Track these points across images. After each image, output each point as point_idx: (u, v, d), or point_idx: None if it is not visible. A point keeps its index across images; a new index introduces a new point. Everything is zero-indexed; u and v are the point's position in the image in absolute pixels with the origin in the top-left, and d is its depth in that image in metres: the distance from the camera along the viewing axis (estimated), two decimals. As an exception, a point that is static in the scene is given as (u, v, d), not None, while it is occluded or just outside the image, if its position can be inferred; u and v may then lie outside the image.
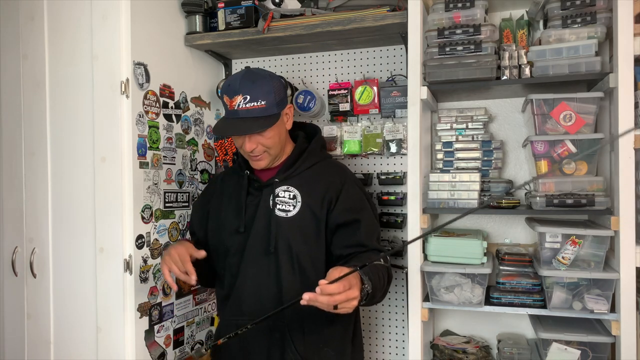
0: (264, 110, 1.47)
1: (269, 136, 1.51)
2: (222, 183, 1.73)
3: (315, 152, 1.64)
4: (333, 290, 1.17)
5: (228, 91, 1.49)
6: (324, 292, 1.17)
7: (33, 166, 1.86)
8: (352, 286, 1.22)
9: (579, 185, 1.63)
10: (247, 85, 1.47)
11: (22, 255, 1.88)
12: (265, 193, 1.58)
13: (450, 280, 1.76)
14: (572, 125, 1.65)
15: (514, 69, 1.72)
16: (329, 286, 1.17)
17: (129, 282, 1.73)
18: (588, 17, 1.63)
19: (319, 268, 1.53)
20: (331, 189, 1.56)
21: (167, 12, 1.98)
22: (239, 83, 1.47)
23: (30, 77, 1.86)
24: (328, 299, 1.17)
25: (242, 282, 1.56)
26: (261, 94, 1.47)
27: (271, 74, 1.57)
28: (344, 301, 1.20)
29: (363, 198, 1.62)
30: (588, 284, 1.64)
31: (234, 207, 1.63)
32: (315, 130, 1.72)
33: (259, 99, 1.46)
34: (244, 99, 1.46)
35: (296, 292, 1.46)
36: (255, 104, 1.46)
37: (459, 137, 1.90)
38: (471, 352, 1.86)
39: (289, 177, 1.58)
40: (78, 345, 1.79)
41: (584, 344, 1.66)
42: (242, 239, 1.57)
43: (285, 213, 1.54)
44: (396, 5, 1.86)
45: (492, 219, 2.04)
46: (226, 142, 2.17)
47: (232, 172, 1.74)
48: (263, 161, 1.56)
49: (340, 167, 1.69)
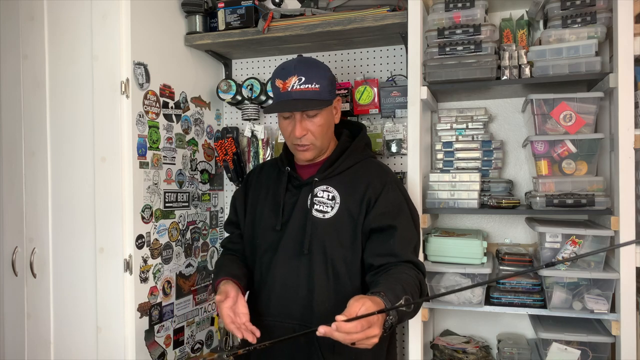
0: (317, 94, 1.45)
1: (319, 123, 1.47)
2: (260, 175, 1.66)
3: (357, 151, 1.58)
4: (350, 330, 1.06)
5: (281, 74, 1.46)
6: (340, 330, 1.06)
7: (33, 166, 1.86)
8: (372, 325, 1.09)
9: (579, 185, 1.63)
10: (302, 68, 1.45)
11: (22, 255, 1.88)
12: (303, 192, 1.52)
13: (450, 280, 1.76)
14: (572, 125, 1.65)
15: (514, 69, 1.72)
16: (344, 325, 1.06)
17: (129, 282, 1.73)
18: (588, 17, 1.63)
19: (353, 273, 1.46)
20: (370, 190, 1.48)
21: (167, 12, 1.98)
22: (294, 66, 1.46)
23: (30, 77, 1.86)
24: (344, 337, 1.07)
25: (272, 281, 1.50)
26: (316, 77, 1.45)
27: (324, 64, 1.55)
28: (362, 339, 1.09)
29: (403, 203, 1.50)
30: (588, 284, 1.64)
31: (271, 203, 1.57)
32: (359, 128, 1.65)
33: (313, 82, 1.44)
34: (299, 80, 1.43)
35: (328, 297, 1.43)
36: (310, 86, 1.44)
37: (459, 137, 1.90)
38: (471, 352, 1.86)
39: (328, 177, 1.52)
40: (78, 345, 1.79)
41: (584, 344, 1.66)
42: (276, 237, 1.51)
43: (322, 214, 1.48)
44: (396, 5, 1.86)
45: (492, 219, 2.04)
46: (226, 142, 2.17)
47: (272, 165, 1.67)
48: (309, 152, 1.50)
49: (383, 167, 1.59)
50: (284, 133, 1.52)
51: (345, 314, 1.08)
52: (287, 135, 1.51)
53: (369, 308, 1.09)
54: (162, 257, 1.89)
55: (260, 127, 2.19)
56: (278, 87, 1.47)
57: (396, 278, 1.31)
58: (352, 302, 1.12)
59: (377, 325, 1.10)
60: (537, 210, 1.65)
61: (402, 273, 1.35)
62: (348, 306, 1.11)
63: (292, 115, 1.46)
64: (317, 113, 1.46)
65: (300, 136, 1.46)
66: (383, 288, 1.24)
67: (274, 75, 1.50)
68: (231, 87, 2.19)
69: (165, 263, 1.91)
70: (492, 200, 1.76)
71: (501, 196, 1.79)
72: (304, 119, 1.46)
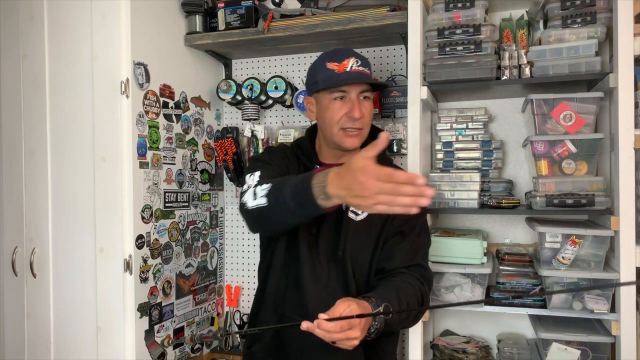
0: (370, 79, 1.46)
1: (370, 108, 1.46)
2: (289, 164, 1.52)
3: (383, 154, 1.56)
4: (329, 329, 1.09)
5: (334, 57, 1.44)
6: (320, 327, 1.09)
7: (33, 166, 1.86)
8: (353, 327, 1.11)
9: (579, 185, 1.63)
10: (355, 54, 1.46)
11: (22, 255, 1.88)
12: None
13: (450, 280, 1.76)
14: (572, 125, 1.65)
15: (514, 69, 1.72)
16: (325, 324, 1.08)
17: (129, 282, 1.73)
18: (588, 17, 1.63)
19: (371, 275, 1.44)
20: None
21: (167, 12, 1.98)
22: (347, 50, 1.47)
23: (30, 77, 1.86)
24: (324, 335, 1.10)
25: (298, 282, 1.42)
26: (367, 64, 1.46)
27: None
28: (342, 339, 1.11)
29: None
30: (588, 284, 1.64)
31: None
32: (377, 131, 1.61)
33: (367, 66, 1.46)
34: (356, 62, 1.43)
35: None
36: (365, 70, 1.44)
37: (459, 137, 1.90)
38: (471, 352, 1.86)
39: None
40: (78, 345, 1.79)
41: (584, 344, 1.66)
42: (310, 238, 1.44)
43: (355, 215, 1.44)
44: (396, 5, 1.86)
45: (492, 219, 2.04)
46: (226, 142, 2.17)
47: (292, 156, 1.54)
48: (358, 138, 1.46)
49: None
50: (333, 116, 1.44)
51: (329, 313, 1.11)
52: (338, 117, 1.43)
53: (353, 310, 1.11)
54: (162, 257, 1.89)
55: (260, 127, 2.19)
56: (332, 69, 1.43)
57: (395, 286, 1.32)
58: (339, 302, 1.14)
59: (358, 328, 1.12)
60: (537, 210, 1.65)
61: (404, 282, 1.35)
62: (334, 306, 1.13)
63: (346, 96, 1.43)
64: (370, 98, 1.45)
65: (360, 117, 1.42)
66: (376, 294, 1.25)
67: (322, 60, 1.46)
68: (231, 87, 2.19)
69: (165, 263, 1.91)
70: (492, 200, 1.76)
71: (501, 196, 1.79)
72: (360, 100, 1.43)
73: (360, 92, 1.43)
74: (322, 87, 1.44)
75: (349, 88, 1.42)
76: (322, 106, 1.46)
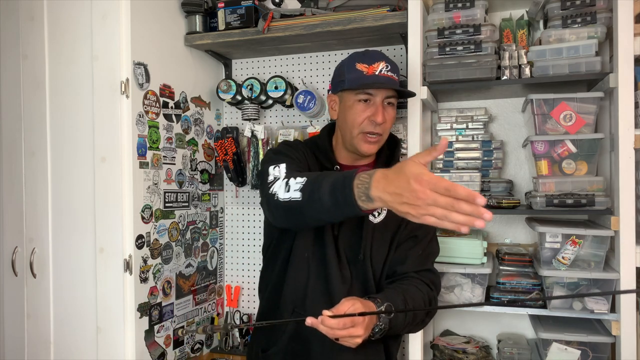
0: (397, 85, 1.44)
1: (393, 115, 1.44)
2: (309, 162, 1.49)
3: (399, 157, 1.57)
4: (333, 326, 1.10)
5: (364, 59, 1.42)
6: (324, 324, 1.10)
7: (33, 166, 1.86)
8: (356, 325, 1.13)
9: (579, 185, 1.63)
10: (386, 58, 1.44)
11: (22, 255, 1.88)
12: None
13: (451, 280, 1.77)
14: (572, 125, 1.65)
15: (514, 69, 1.72)
16: (328, 320, 1.10)
17: (129, 282, 1.73)
18: (588, 17, 1.63)
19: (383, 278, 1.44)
20: None
21: (167, 12, 1.98)
22: (379, 53, 1.45)
23: (30, 77, 1.86)
24: (328, 331, 1.11)
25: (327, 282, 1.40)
26: (397, 71, 1.45)
27: None
28: (345, 337, 1.13)
29: None
30: (588, 284, 1.64)
31: None
32: (395, 142, 1.59)
33: (396, 72, 1.44)
34: (386, 67, 1.41)
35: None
36: (394, 75, 1.43)
37: (459, 137, 1.90)
38: (471, 352, 1.86)
39: None
40: (78, 345, 1.79)
41: (584, 344, 1.66)
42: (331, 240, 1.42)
43: (374, 217, 1.43)
44: (396, 5, 1.86)
45: (492, 219, 2.03)
46: (226, 142, 2.17)
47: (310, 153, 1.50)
48: (375, 145, 1.44)
49: None
50: (355, 119, 1.42)
51: (333, 310, 1.12)
52: (360, 120, 1.41)
53: (357, 309, 1.13)
54: (162, 257, 1.89)
55: (260, 127, 2.19)
56: (361, 70, 1.41)
57: (403, 289, 1.33)
58: (344, 300, 1.16)
59: (361, 326, 1.13)
60: (537, 210, 1.65)
61: (412, 286, 1.36)
62: (339, 304, 1.15)
63: (371, 100, 1.41)
64: (394, 104, 1.44)
65: (382, 122, 1.40)
66: (382, 295, 1.27)
67: (352, 60, 1.45)
68: (231, 87, 2.19)
69: (165, 263, 1.91)
70: (492, 200, 1.76)
71: (501, 196, 1.79)
72: (384, 106, 1.42)
73: (385, 97, 1.42)
74: (349, 87, 1.42)
75: (375, 92, 1.41)
76: (346, 106, 1.45)
